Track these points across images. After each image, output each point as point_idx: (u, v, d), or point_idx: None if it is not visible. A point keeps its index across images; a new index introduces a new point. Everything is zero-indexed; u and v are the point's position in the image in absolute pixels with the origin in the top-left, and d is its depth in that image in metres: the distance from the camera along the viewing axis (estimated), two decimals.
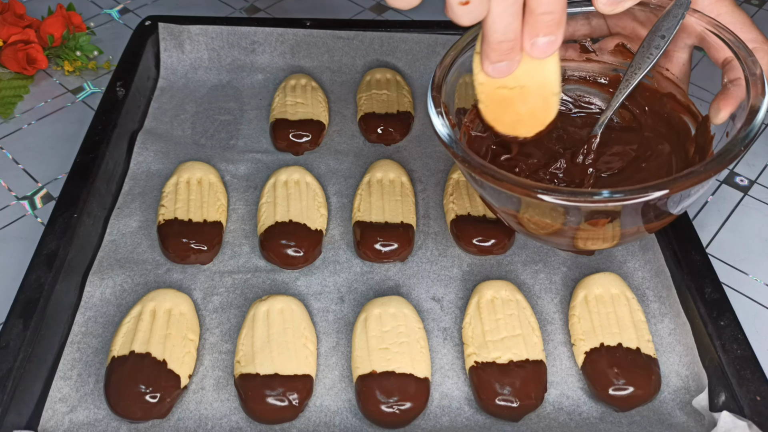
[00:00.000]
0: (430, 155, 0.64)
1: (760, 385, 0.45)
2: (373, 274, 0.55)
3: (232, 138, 0.66)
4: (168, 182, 0.58)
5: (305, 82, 0.69)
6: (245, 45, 0.71)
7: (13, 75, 0.74)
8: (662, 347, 0.50)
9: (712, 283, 0.51)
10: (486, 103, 0.44)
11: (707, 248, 0.60)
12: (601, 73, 0.54)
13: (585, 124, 0.53)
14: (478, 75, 0.42)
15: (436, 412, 0.47)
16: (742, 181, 0.66)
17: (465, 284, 0.54)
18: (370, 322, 0.49)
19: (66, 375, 0.48)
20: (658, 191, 0.38)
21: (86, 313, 0.51)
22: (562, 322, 0.52)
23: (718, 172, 0.39)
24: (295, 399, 0.46)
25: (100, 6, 0.86)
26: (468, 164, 0.41)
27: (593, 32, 0.53)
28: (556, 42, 0.39)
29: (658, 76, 0.51)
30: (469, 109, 0.51)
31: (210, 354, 0.50)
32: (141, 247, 0.56)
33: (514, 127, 0.45)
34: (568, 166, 0.47)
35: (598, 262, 0.55)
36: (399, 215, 0.56)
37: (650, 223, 0.44)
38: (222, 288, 0.53)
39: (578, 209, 0.42)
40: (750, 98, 0.42)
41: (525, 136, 0.45)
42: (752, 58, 0.43)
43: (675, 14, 0.46)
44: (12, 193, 0.63)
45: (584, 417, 0.47)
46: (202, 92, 0.70)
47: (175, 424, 0.46)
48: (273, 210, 0.56)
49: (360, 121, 0.66)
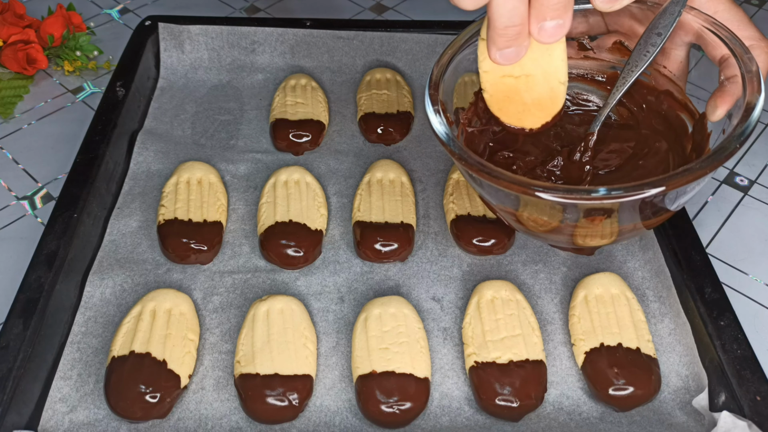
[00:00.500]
0: (430, 155, 0.64)
1: (760, 385, 0.45)
2: (373, 274, 0.55)
3: (232, 138, 0.66)
4: (168, 182, 0.58)
5: (305, 82, 0.69)
6: (245, 45, 0.71)
7: (13, 75, 0.74)
8: (662, 347, 0.50)
9: (712, 283, 0.51)
10: (491, 92, 0.43)
11: (707, 248, 0.60)
12: (598, 71, 0.54)
13: (582, 122, 0.53)
14: (483, 63, 0.41)
15: (436, 412, 0.47)
16: (742, 181, 0.66)
17: (465, 284, 0.54)
18: (370, 322, 0.49)
19: (66, 375, 0.48)
20: (655, 188, 0.38)
21: (86, 313, 0.51)
22: (562, 322, 0.52)
23: (714, 169, 0.39)
24: (295, 399, 0.46)
25: (100, 6, 0.86)
26: (465, 162, 0.41)
27: (591, 30, 0.53)
28: (564, 26, 0.38)
29: (656, 74, 0.51)
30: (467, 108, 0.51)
31: (210, 354, 0.50)
32: (141, 247, 0.56)
33: (519, 117, 0.44)
34: (566, 163, 0.47)
35: (598, 262, 0.55)
36: (399, 215, 0.56)
37: (648, 219, 0.44)
38: (222, 288, 0.53)
39: (576, 206, 0.42)
40: (746, 95, 0.42)
41: (531, 127, 0.45)
42: (749, 55, 0.43)
43: (671, 12, 0.46)
44: (12, 193, 0.63)
45: (584, 417, 0.47)
46: (202, 92, 0.70)
47: (175, 424, 0.46)
48: (273, 210, 0.56)
49: (360, 121, 0.66)
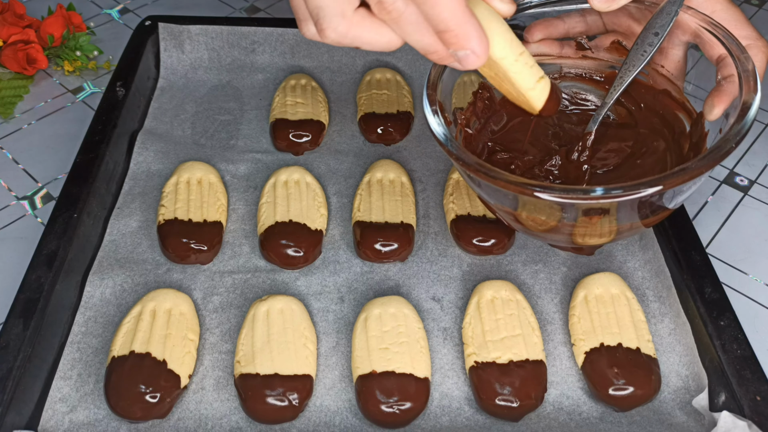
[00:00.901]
0: (430, 155, 0.64)
1: (760, 385, 0.45)
2: (373, 274, 0.54)
3: (232, 138, 0.66)
4: (168, 182, 0.58)
5: (305, 82, 0.69)
6: (245, 45, 0.71)
7: (13, 75, 0.74)
8: (662, 347, 0.50)
9: (712, 283, 0.51)
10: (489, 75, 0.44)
11: (707, 248, 0.60)
12: (597, 70, 0.54)
13: (580, 121, 0.53)
14: None
15: (436, 412, 0.47)
16: (742, 181, 0.66)
17: (465, 284, 0.54)
18: (370, 322, 0.49)
19: (66, 375, 0.48)
20: (652, 188, 0.38)
21: (86, 313, 0.51)
22: (562, 322, 0.52)
23: (710, 168, 0.39)
24: (295, 399, 0.46)
25: (100, 6, 0.86)
26: (463, 163, 0.41)
27: (589, 29, 0.53)
28: (474, 54, 0.36)
29: (654, 73, 0.51)
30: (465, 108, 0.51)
31: (210, 354, 0.50)
32: (141, 247, 0.56)
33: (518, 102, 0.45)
34: (564, 162, 0.47)
35: (598, 262, 0.55)
36: (399, 215, 0.56)
37: (646, 218, 0.44)
38: (222, 288, 0.53)
39: (574, 206, 0.42)
40: (742, 95, 0.42)
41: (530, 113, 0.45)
42: (745, 54, 0.44)
43: (669, 11, 0.46)
44: (12, 193, 0.63)
45: (584, 417, 0.47)
46: (202, 92, 0.70)
47: (175, 424, 0.46)
48: (273, 210, 0.56)
49: (360, 121, 0.66)
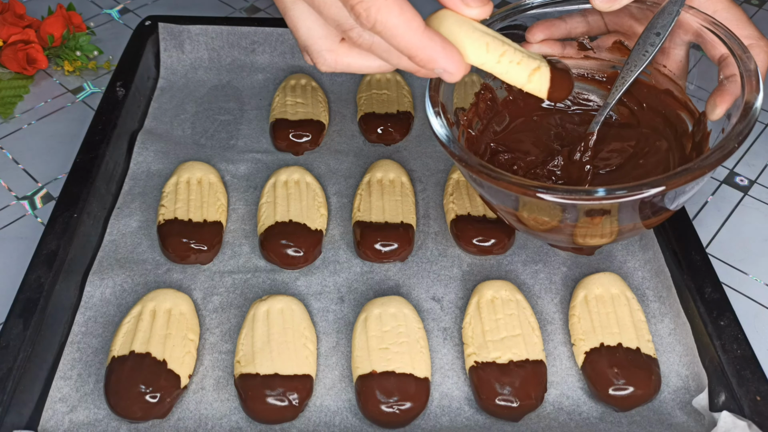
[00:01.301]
0: (430, 155, 0.64)
1: (760, 385, 0.45)
2: (373, 274, 0.54)
3: (232, 138, 0.66)
4: (168, 182, 0.58)
5: (305, 82, 0.69)
6: (245, 45, 0.71)
7: (13, 75, 0.74)
8: (662, 347, 0.50)
9: (712, 283, 0.51)
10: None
11: (707, 248, 0.60)
12: (599, 71, 0.54)
13: (583, 121, 0.53)
14: None
15: (436, 412, 0.47)
16: (742, 181, 0.66)
17: (465, 284, 0.54)
18: (370, 322, 0.49)
19: (66, 375, 0.48)
20: (654, 188, 0.38)
21: (86, 313, 0.51)
22: (562, 322, 0.52)
23: (713, 168, 0.39)
24: (295, 399, 0.46)
25: (100, 6, 0.86)
26: (465, 164, 0.41)
27: (591, 30, 0.53)
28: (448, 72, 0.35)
29: (656, 73, 0.51)
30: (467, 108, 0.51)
31: (210, 354, 0.49)
32: (141, 247, 0.56)
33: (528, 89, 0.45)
34: (566, 163, 0.47)
35: (598, 261, 0.55)
36: (399, 215, 0.56)
37: (648, 219, 0.44)
38: (222, 288, 0.53)
39: (576, 207, 0.42)
40: (745, 94, 0.42)
41: None
42: (747, 54, 0.43)
43: (670, 11, 0.46)
44: (12, 193, 0.63)
45: (584, 417, 0.47)
46: (202, 92, 0.70)
47: (175, 424, 0.46)
48: (273, 210, 0.56)
49: (360, 121, 0.66)
